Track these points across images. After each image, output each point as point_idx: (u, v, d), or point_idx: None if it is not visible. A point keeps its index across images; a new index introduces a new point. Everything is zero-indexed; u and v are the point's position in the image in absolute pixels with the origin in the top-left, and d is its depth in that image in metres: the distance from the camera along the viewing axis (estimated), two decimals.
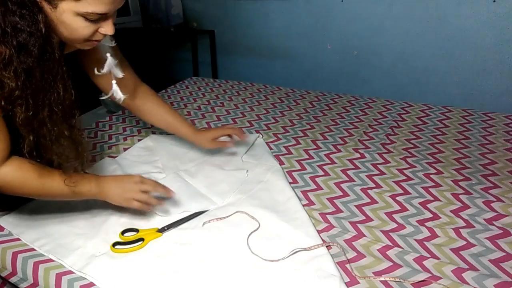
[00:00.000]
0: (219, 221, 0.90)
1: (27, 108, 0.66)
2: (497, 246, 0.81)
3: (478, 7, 1.86)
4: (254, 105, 1.65)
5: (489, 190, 1.00)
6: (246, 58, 2.69)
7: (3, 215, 0.93)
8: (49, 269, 0.78)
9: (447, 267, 0.76)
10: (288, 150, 1.26)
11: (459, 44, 1.97)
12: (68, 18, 0.66)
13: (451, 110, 1.50)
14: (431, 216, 0.92)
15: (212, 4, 2.63)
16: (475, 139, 1.28)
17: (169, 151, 1.24)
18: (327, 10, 2.26)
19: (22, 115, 0.66)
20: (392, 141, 1.29)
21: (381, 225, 0.90)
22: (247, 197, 0.99)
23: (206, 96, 1.76)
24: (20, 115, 0.66)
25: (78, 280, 0.75)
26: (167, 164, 1.16)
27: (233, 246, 0.83)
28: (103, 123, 1.48)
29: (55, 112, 0.71)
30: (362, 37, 2.22)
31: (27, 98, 0.65)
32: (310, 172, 1.13)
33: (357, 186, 1.05)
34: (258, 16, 2.50)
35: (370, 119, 1.46)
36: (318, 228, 0.88)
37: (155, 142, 1.30)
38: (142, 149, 1.27)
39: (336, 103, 1.63)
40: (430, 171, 1.10)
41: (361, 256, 0.80)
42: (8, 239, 0.86)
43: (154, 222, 0.90)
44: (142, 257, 0.80)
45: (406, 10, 2.04)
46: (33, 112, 0.67)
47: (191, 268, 0.77)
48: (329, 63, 2.39)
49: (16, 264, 0.80)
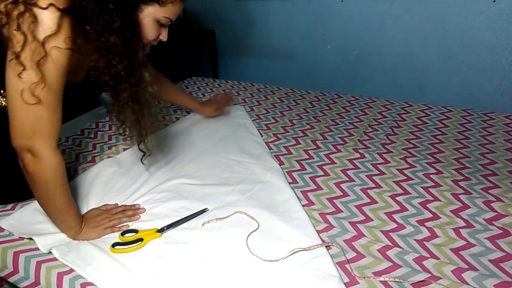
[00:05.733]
0: (218, 221, 0.90)
1: (130, 84, 0.79)
2: (497, 246, 0.81)
3: (478, 7, 1.86)
4: (254, 105, 1.65)
5: (489, 190, 1.00)
6: (246, 58, 2.69)
7: (4, 216, 0.93)
8: (50, 268, 0.78)
9: (447, 267, 0.76)
10: (288, 150, 1.26)
11: (459, 44, 1.97)
12: (148, 21, 0.78)
13: (451, 110, 1.50)
14: (431, 216, 0.92)
15: (212, 4, 2.63)
16: (475, 139, 1.28)
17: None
18: (327, 10, 2.26)
19: (127, 92, 0.80)
20: (392, 141, 1.29)
21: (381, 225, 0.90)
22: (247, 197, 0.99)
23: (206, 96, 1.76)
24: (124, 91, 0.80)
25: (79, 279, 0.75)
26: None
27: (233, 246, 0.83)
28: (103, 123, 1.48)
29: (140, 88, 0.83)
30: (362, 37, 2.22)
31: (128, 77, 0.78)
32: (310, 172, 1.13)
33: (357, 186, 1.05)
34: (258, 16, 2.50)
35: (370, 119, 1.46)
36: (317, 228, 0.88)
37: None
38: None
39: (336, 103, 1.63)
40: (430, 171, 1.10)
41: (361, 256, 0.80)
42: (9, 239, 0.86)
43: (153, 223, 0.90)
44: (142, 257, 0.80)
45: (406, 10, 2.04)
46: (134, 88, 0.81)
47: (190, 268, 0.77)
48: (329, 63, 2.39)
49: (18, 263, 0.81)
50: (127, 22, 0.73)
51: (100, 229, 0.87)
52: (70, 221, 0.84)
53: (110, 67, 0.75)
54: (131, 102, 0.82)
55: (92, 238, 0.86)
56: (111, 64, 0.75)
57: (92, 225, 0.88)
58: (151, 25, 0.79)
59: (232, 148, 1.25)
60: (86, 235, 0.86)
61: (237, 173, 1.11)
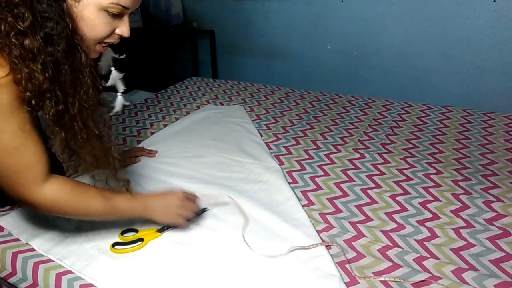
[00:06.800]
0: (218, 222, 0.90)
1: (57, 101, 0.63)
2: (497, 246, 0.81)
3: (478, 7, 1.86)
4: (254, 105, 1.64)
5: (489, 190, 1.00)
6: (246, 58, 2.69)
7: (3, 215, 0.93)
8: (49, 269, 0.78)
9: (447, 267, 0.76)
10: (288, 150, 1.26)
11: (459, 44, 1.97)
12: (91, 13, 0.64)
13: (451, 110, 1.50)
14: (431, 216, 0.92)
15: (212, 4, 2.63)
16: (475, 139, 1.28)
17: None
18: (327, 10, 2.26)
19: (53, 110, 0.63)
20: (392, 141, 1.29)
21: (381, 225, 0.90)
22: (246, 197, 0.98)
23: (206, 96, 1.76)
24: (50, 109, 0.63)
25: (78, 280, 0.75)
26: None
27: (233, 246, 0.83)
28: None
29: (85, 108, 0.68)
30: (362, 37, 2.22)
31: (55, 91, 0.63)
32: (310, 172, 1.13)
33: (357, 186, 1.05)
34: (258, 16, 2.50)
35: (370, 119, 1.46)
36: (317, 228, 0.88)
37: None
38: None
39: (336, 103, 1.63)
40: (430, 171, 1.10)
41: (361, 256, 0.80)
42: (8, 239, 0.86)
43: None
44: (142, 257, 0.80)
45: (406, 10, 2.03)
46: (63, 107, 0.65)
47: (190, 268, 0.77)
48: (329, 63, 2.39)
49: (16, 264, 0.80)
50: (46, 16, 0.59)
51: (174, 213, 0.81)
52: (121, 213, 0.78)
53: (30, 78, 0.59)
54: (77, 124, 0.67)
55: (164, 220, 0.82)
56: (30, 76, 0.59)
57: (163, 208, 0.81)
58: (96, 17, 0.64)
59: (231, 148, 1.25)
60: (156, 214, 0.80)
61: (236, 173, 1.10)
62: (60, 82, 0.63)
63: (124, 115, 1.55)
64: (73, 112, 0.66)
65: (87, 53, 0.67)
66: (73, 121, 0.67)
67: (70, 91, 0.65)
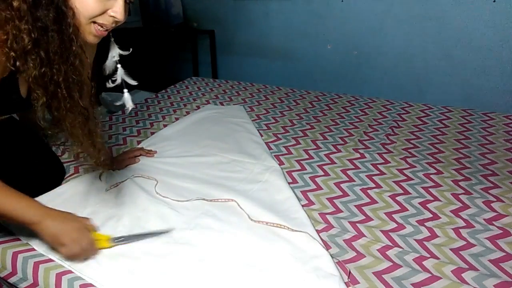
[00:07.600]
0: (218, 222, 0.90)
1: (41, 64, 0.64)
2: (497, 246, 0.81)
3: (478, 7, 1.86)
4: (254, 105, 1.64)
5: (489, 190, 1.00)
6: (246, 58, 2.69)
7: None
8: (49, 269, 0.78)
9: (447, 267, 0.76)
10: (288, 150, 1.26)
11: (459, 44, 1.97)
12: None
13: (451, 110, 1.50)
14: (431, 216, 0.92)
15: (212, 4, 2.63)
16: (475, 139, 1.28)
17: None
18: (327, 10, 2.26)
19: (35, 72, 0.64)
20: (392, 141, 1.29)
21: (381, 225, 0.90)
22: (246, 197, 0.98)
23: (206, 96, 1.76)
24: (33, 71, 0.64)
25: (78, 280, 0.75)
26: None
27: (232, 246, 0.83)
28: (103, 123, 1.48)
29: (72, 79, 0.68)
30: (362, 37, 2.22)
31: (40, 54, 0.63)
32: (310, 172, 1.13)
33: (357, 186, 1.05)
34: (258, 16, 2.50)
35: (370, 119, 1.46)
36: (317, 228, 0.88)
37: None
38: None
39: (336, 103, 1.63)
40: (430, 171, 1.10)
41: (360, 256, 0.80)
42: (8, 239, 0.86)
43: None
44: (142, 257, 0.80)
45: (406, 10, 2.03)
46: (46, 71, 0.65)
47: (190, 268, 0.77)
48: (329, 63, 2.39)
49: (16, 264, 0.80)
50: None
51: (75, 237, 0.75)
52: (16, 212, 0.72)
53: (15, 38, 0.61)
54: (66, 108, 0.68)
55: (59, 242, 0.74)
56: (15, 36, 0.61)
57: (64, 226, 0.75)
58: None
59: (231, 148, 1.25)
60: (51, 231, 0.73)
61: (236, 173, 1.10)
62: (46, 46, 0.64)
63: (124, 115, 1.55)
64: (58, 79, 0.66)
65: (77, 27, 0.67)
66: (57, 88, 0.67)
67: (56, 57, 0.65)
